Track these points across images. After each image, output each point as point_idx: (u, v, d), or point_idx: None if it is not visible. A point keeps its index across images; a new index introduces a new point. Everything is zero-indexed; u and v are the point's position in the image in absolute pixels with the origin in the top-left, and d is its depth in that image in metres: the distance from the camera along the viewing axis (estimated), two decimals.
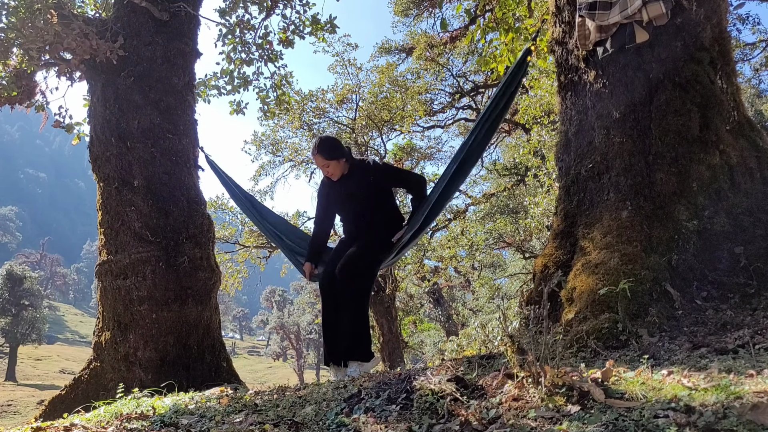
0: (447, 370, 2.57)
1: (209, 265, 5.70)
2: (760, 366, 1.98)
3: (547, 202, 11.16)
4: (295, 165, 17.07)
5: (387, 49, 17.09)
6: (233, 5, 7.31)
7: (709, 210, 3.49)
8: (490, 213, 19.11)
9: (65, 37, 5.33)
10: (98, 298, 5.59)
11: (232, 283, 14.75)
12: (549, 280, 3.79)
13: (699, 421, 1.57)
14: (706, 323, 2.96)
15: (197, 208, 5.78)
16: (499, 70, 6.92)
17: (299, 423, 2.29)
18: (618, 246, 3.42)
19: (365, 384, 2.79)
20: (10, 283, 34.03)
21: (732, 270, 3.31)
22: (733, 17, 13.41)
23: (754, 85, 16.95)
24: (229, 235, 15.04)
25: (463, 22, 14.12)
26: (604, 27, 3.82)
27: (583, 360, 2.66)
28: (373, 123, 16.33)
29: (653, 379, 2.03)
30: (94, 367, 5.38)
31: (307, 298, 46.22)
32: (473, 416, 1.94)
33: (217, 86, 7.80)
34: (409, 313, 23.59)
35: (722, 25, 3.93)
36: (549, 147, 10.67)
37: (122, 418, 2.76)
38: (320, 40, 8.32)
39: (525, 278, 17.88)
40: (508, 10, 6.92)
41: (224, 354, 5.75)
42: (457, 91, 16.87)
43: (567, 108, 4.25)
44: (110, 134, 5.59)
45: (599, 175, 3.86)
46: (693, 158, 3.57)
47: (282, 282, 57.96)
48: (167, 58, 5.85)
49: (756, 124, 3.98)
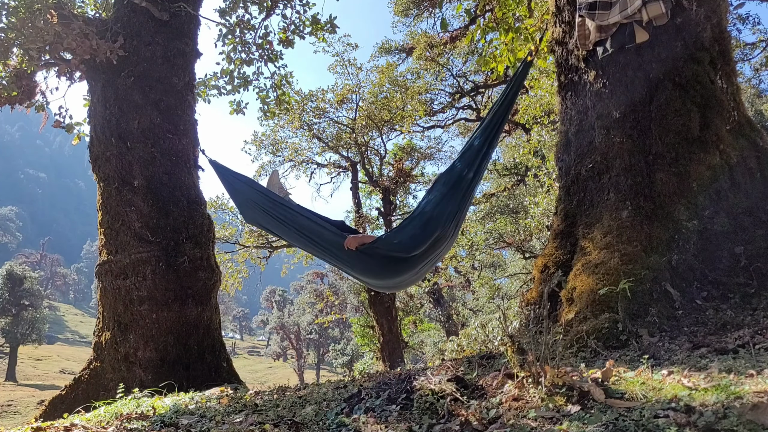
0: (447, 370, 2.57)
1: (209, 265, 5.70)
2: (760, 366, 1.98)
3: (547, 202, 11.16)
4: (296, 165, 17.08)
5: (387, 49, 17.09)
6: (233, 5, 7.32)
7: (709, 210, 3.49)
8: (490, 213, 19.11)
9: (65, 37, 5.33)
10: (98, 298, 5.59)
11: (232, 283, 14.75)
12: (549, 280, 3.80)
13: (699, 421, 1.57)
14: (706, 323, 2.96)
15: (197, 208, 5.78)
16: (499, 70, 6.92)
17: (299, 423, 2.29)
18: (618, 246, 3.42)
19: (365, 384, 2.79)
20: (10, 283, 34.01)
21: (732, 270, 3.31)
22: (733, 17, 13.41)
23: (754, 85, 16.93)
24: (229, 235, 15.05)
25: (463, 22, 14.12)
26: (604, 27, 3.82)
27: (583, 360, 2.66)
28: (373, 123, 16.33)
29: (653, 379, 2.03)
30: (94, 367, 5.38)
31: (307, 298, 46.21)
32: (473, 416, 1.94)
33: (217, 86, 7.81)
34: (409, 313, 23.59)
35: (722, 25, 3.93)
36: (549, 147, 10.66)
37: (122, 418, 2.76)
38: (320, 40, 8.33)
39: (525, 278, 17.87)
40: (508, 10, 6.92)
41: (224, 354, 5.74)
42: (457, 91, 16.87)
43: (567, 108, 4.25)
44: (110, 134, 5.59)
45: (599, 175, 3.86)
46: (693, 158, 3.58)
47: (282, 282, 57.99)
48: (167, 58, 5.85)
49: (756, 124, 3.98)
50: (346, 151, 17.31)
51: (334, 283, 37.36)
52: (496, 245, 18.88)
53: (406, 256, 3.88)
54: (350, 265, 4.15)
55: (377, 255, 3.90)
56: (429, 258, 4.08)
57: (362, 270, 4.14)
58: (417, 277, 4.57)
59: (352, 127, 16.39)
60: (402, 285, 4.91)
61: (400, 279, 4.32)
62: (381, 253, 3.89)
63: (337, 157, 17.61)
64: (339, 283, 33.51)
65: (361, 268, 4.10)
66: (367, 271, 4.12)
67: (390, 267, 4.03)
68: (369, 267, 4.05)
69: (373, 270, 4.10)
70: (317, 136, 16.74)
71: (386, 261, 3.95)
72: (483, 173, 4.25)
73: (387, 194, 17.29)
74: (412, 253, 3.85)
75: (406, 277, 4.24)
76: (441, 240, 3.92)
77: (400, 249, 3.85)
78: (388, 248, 3.89)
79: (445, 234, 3.91)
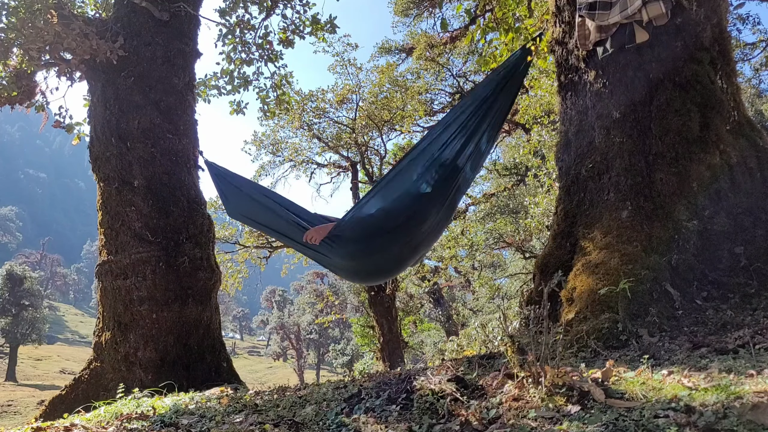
0: (447, 370, 2.57)
1: (209, 265, 5.70)
2: (760, 366, 1.97)
3: (547, 202, 11.16)
4: (296, 165, 17.08)
5: (387, 49, 17.09)
6: (233, 5, 7.32)
7: (709, 210, 3.49)
8: (490, 213, 19.11)
9: (65, 37, 5.33)
10: (98, 298, 5.59)
11: (232, 283, 14.75)
12: (549, 280, 3.79)
13: (699, 421, 1.57)
14: (706, 323, 2.96)
15: (197, 208, 5.78)
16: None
17: (299, 423, 2.29)
18: (618, 246, 3.42)
19: (365, 384, 2.79)
20: (10, 283, 34.03)
21: (732, 270, 3.31)
22: (733, 17, 13.41)
23: (754, 85, 16.94)
24: (229, 235, 15.05)
25: (463, 22, 14.12)
26: (604, 27, 3.81)
27: (583, 360, 2.66)
28: (373, 123, 16.33)
29: (653, 379, 2.03)
30: (94, 367, 5.38)
31: (307, 298, 46.22)
32: (473, 416, 1.94)
33: (217, 86, 7.81)
34: (409, 313, 23.60)
35: (722, 25, 3.93)
36: (549, 147, 10.66)
37: (122, 418, 2.76)
38: (320, 40, 8.33)
39: (525, 278, 17.86)
40: (508, 10, 6.92)
41: (224, 354, 5.74)
42: (457, 91, 16.87)
43: (567, 108, 4.25)
44: (110, 134, 5.59)
45: (599, 175, 3.86)
46: (693, 158, 3.58)
47: (282, 282, 57.98)
48: (167, 58, 5.85)
49: (756, 124, 3.98)
50: (346, 151, 17.32)
51: (334, 283, 37.37)
52: (496, 245, 18.89)
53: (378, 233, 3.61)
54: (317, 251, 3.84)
55: (343, 240, 3.63)
56: (408, 239, 3.78)
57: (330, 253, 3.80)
58: (398, 263, 4.21)
59: (352, 127, 16.39)
60: (382, 272, 4.46)
61: (376, 261, 3.98)
62: (348, 236, 3.62)
63: (337, 157, 17.62)
64: (339, 283, 33.52)
65: (329, 252, 3.76)
66: (335, 253, 3.78)
67: (361, 249, 3.75)
68: (336, 251, 3.74)
69: (343, 252, 3.77)
70: (317, 136, 16.74)
71: (355, 242, 3.68)
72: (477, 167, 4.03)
73: None
74: (386, 227, 3.58)
75: (382, 259, 3.93)
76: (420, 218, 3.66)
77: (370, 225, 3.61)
78: (354, 227, 3.61)
79: (426, 213, 3.66)
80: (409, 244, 3.91)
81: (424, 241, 4.05)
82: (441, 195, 3.73)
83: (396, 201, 3.61)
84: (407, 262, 4.44)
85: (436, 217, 3.85)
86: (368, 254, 3.89)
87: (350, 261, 4.03)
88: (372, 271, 4.31)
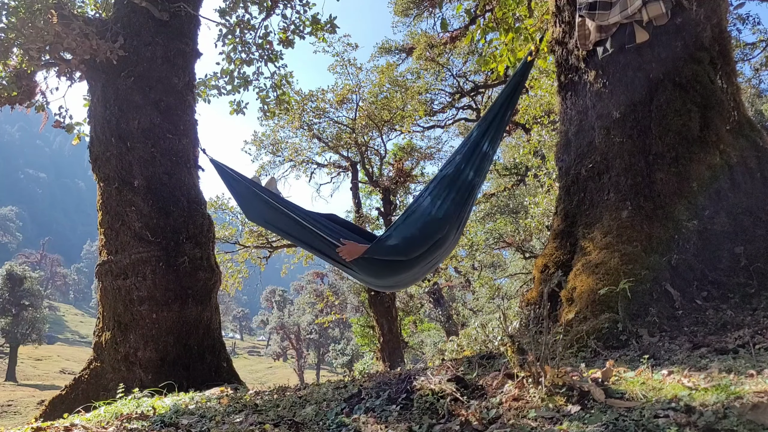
0: (447, 370, 2.57)
1: (209, 265, 5.70)
2: (760, 366, 1.97)
3: (547, 202, 11.16)
4: (296, 165, 17.08)
5: (387, 49, 17.09)
6: (233, 5, 7.32)
7: (709, 210, 3.49)
8: (490, 213, 19.12)
9: (65, 37, 5.33)
10: (98, 298, 5.59)
11: (232, 283, 14.75)
12: (549, 280, 3.80)
13: (699, 421, 1.57)
14: (706, 323, 2.96)
15: (197, 208, 5.78)
16: (499, 70, 6.92)
17: (299, 423, 2.29)
18: (618, 246, 3.42)
19: (365, 384, 2.79)
20: (11, 283, 34.03)
21: (732, 270, 3.31)
22: (733, 17, 13.40)
23: (754, 85, 16.93)
24: (229, 235, 15.04)
25: (463, 22, 14.11)
26: (604, 27, 3.82)
27: (583, 360, 2.66)
28: (373, 123, 16.33)
29: (653, 379, 2.03)
30: (94, 367, 5.38)
31: (307, 298, 46.20)
32: (473, 416, 1.94)
33: (217, 86, 7.81)
34: (409, 313, 23.60)
35: (722, 25, 3.93)
36: (549, 147, 10.66)
37: (122, 418, 2.76)
38: (320, 40, 8.33)
39: (525, 278, 17.87)
40: (508, 10, 6.92)
41: (224, 354, 5.74)
42: (457, 91, 16.87)
43: (567, 108, 4.25)
44: (110, 134, 5.59)
45: (599, 175, 3.86)
46: (693, 158, 3.58)
47: (282, 282, 57.98)
48: (167, 58, 5.85)
49: (756, 124, 3.98)
50: (346, 151, 17.32)
51: (334, 283, 37.37)
52: (496, 245, 18.89)
53: (404, 259, 3.85)
54: (347, 266, 4.15)
55: (373, 260, 3.87)
56: (429, 260, 4.06)
57: (359, 270, 4.14)
58: (417, 276, 4.56)
59: (352, 127, 16.39)
60: (401, 284, 4.88)
61: (399, 278, 4.30)
62: (377, 258, 3.85)
63: (337, 157, 17.62)
64: (339, 283, 33.53)
65: (359, 269, 4.11)
66: (364, 271, 4.13)
67: (388, 268, 4.01)
68: (365, 269, 4.06)
69: (371, 271, 4.10)
70: (317, 136, 16.74)
71: (383, 264, 3.92)
72: (485, 174, 4.23)
73: (387, 194, 17.29)
74: (410, 256, 3.81)
75: (404, 276, 4.22)
76: (441, 242, 3.87)
77: (396, 253, 3.79)
78: (383, 254, 3.83)
79: (446, 237, 3.86)
80: (431, 263, 4.18)
81: (442, 255, 4.33)
82: (459, 215, 3.88)
83: (426, 230, 3.77)
84: (425, 275, 4.97)
85: (455, 234, 4.03)
86: (394, 273, 4.12)
87: (375, 278, 4.32)
88: (393, 284, 4.70)
